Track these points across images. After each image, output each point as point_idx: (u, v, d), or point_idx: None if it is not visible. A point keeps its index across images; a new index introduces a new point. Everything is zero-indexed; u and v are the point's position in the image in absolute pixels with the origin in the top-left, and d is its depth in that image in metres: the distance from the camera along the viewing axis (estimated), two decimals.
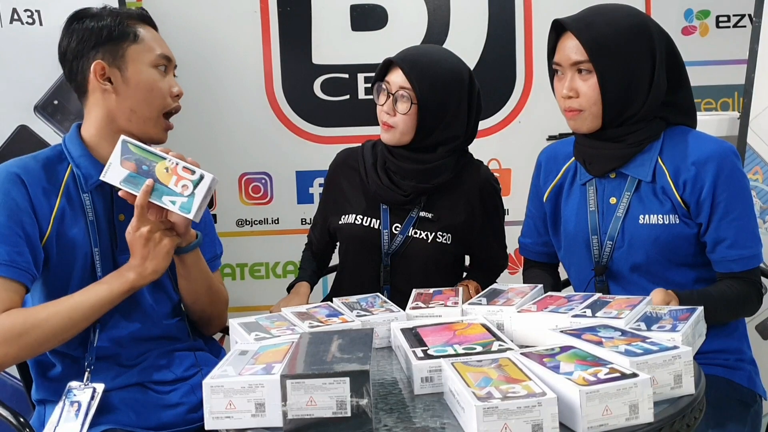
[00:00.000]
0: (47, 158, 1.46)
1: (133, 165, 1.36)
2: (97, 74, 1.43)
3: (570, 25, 1.49)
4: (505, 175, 2.68)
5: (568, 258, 1.66)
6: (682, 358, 1.04)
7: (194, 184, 1.35)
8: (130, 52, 1.44)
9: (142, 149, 1.36)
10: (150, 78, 1.45)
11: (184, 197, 1.35)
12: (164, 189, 1.35)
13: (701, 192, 1.46)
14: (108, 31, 1.44)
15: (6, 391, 2.06)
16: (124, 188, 1.35)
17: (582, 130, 1.53)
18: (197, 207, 1.34)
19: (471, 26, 2.66)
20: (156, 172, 1.35)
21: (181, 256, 1.47)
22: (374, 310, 1.43)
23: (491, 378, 0.99)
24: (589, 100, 1.48)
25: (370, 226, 1.77)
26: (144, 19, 1.49)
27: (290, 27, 2.63)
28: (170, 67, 1.50)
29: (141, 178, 1.35)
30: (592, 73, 1.47)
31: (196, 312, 1.58)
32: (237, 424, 1.02)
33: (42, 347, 1.36)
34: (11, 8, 2.15)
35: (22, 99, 2.18)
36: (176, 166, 1.36)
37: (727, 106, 2.71)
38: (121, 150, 1.36)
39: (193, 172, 1.35)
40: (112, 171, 1.36)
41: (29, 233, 1.37)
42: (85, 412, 1.33)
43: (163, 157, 1.36)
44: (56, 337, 1.34)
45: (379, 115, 1.74)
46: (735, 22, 2.69)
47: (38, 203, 1.40)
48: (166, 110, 1.47)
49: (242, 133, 2.65)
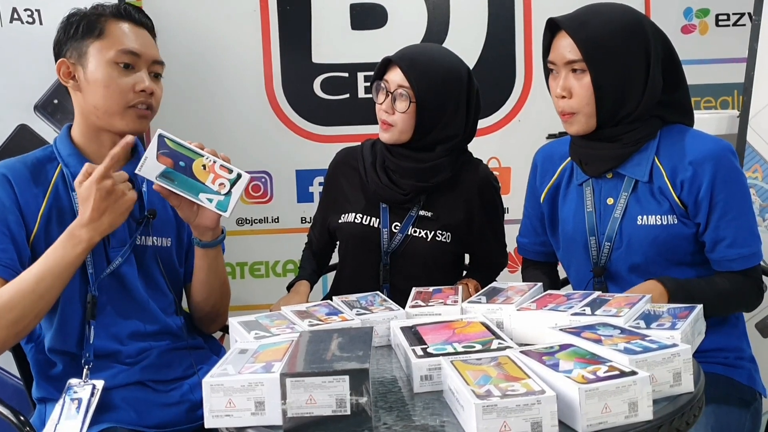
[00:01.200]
0: (36, 159, 1.47)
1: (170, 161, 1.36)
2: (60, 73, 1.45)
3: (564, 23, 1.48)
4: (504, 173, 2.68)
5: (566, 258, 1.66)
6: (681, 356, 1.04)
7: (231, 182, 1.37)
8: (91, 49, 1.44)
9: (179, 144, 1.37)
10: (105, 74, 1.43)
11: (221, 195, 1.36)
12: (201, 186, 1.36)
13: (699, 191, 1.46)
14: (75, 28, 1.45)
15: (7, 389, 2.07)
16: (160, 183, 1.36)
17: (577, 132, 1.52)
18: (233, 205, 1.37)
19: (470, 25, 2.66)
20: (193, 168, 1.36)
21: (206, 250, 1.49)
22: (374, 309, 1.43)
23: (490, 376, 0.99)
24: (582, 101, 1.47)
25: (370, 224, 1.77)
26: (120, 15, 1.47)
27: (290, 26, 2.63)
28: (140, 62, 1.46)
29: (178, 175, 1.36)
30: (586, 72, 1.46)
31: (206, 307, 1.59)
32: (237, 422, 1.02)
33: (18, 327, 1.33)
34: (11, 7, 2.15)
35: (22, 98, 2.18)
36: (214, 164, 1.37)
37: (726, 104, 2.71)
38: (157, 144, 1.36)
39: (231, 171, 1.37)
40: (148, 165, 1.36)
41: (14, 231, 1.38)
42: (86, 409, 1.33)
43: (200, 154, 1.37)
44: (29, 314, 1.32)
45: (377, 113, 1.74)
46: (735, 21, 2.69)
47: (25, 202, 1.41)
48: (129, 105, 1.45)
49: (242, 132, 2.65)
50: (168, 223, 1.56)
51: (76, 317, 1.43)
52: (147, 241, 1.51)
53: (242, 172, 1.37)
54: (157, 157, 1.36)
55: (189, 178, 1.37)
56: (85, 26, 1.45)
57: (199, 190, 1.36)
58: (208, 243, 1.48)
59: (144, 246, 1.51)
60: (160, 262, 1.53)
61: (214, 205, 1.37)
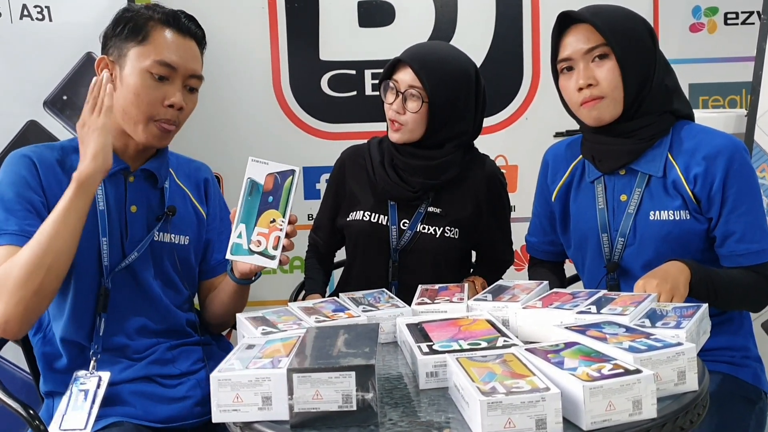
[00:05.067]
0: (63, 147, 1.48)
1: (271, 187, 1.38)
2: (99, 68, 1.45)
3: (579, 14, 1.49)
4: (512, 171, 2.68)
5: (579, 256, 1.66)
6: (686, 355, 1.04)
7: (262, 251, 1.38)
8: (132, 53, 1.43)
9: (288, 191, 1.38)
10: (139, 82, 1.42)
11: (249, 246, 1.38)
12: (252, 226, 1.38)
13: (712, 186, 1.46)
14: (122, 27, 1.44)
15: (15, 383, 2.08)
16: (245, 185, 1.37)
17: (604, 118, 1.50)
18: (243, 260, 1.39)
19: (478, 22, 2.66)
20: (267, 212, 1.38)
21: (240, 285, 1.51)
22: (380, 306, 1.44)
23: (496, 373, 1.00)
24: (610, 84, 1.47)
25: (379, 222, 1.77)
26: (168, 22, 1.45)
27: (298, 23, 2.64)
28: (176, 75, 1.44)
29: (256, 199, 1.38)
30: (608, 57, 1.47)
31: (219, 319, 1.61)
32: (244, 417, 1.03)
33: (29, 284, 1.29)
34: (21, 4, 2.17)
35: (32, 94, 2.20)
36: (278, 230, 1.38)
37: (734, 103, 2.71)
38: (284, 172, 1.39)
39: (276, 247, 1.38)
40: (261, 169, 1.38)
41: (39, 209, 1.39)
42: (92, 400, 1.34)
43: (283, 212, 1.38)
44: (38, 269, 1.29)
45: (387, 113, 1.74)
46: (743, 19, 2.68)
47: (48, 187, 1.41)
48: (155, 118, 1.44)
49: (249, 129, 2.66)
50: (187, 221, 1.56)
51: (88, 308, 1.43)
52: (164, 238, 1.51)
53: (277, 256, 1.38)
54: (269, 173, 1.38)
55: (256, 211, 1.38)
56: (131, 27, 1.44)
57: (252, 226, 1.37)
58: (243, 281, 1.50)
59: (161, 242, 1.51)
60: (177, 259, 1.53)
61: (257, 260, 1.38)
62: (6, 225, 1.36)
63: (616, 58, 1.46)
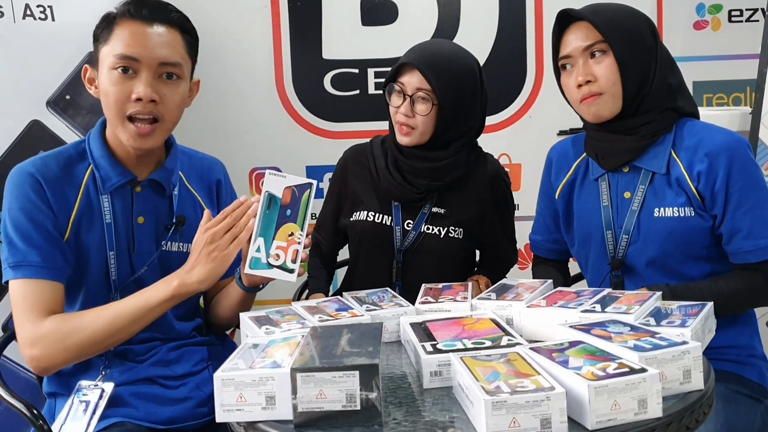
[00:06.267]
0: (68, 157, 1.44)
1: (288, 200, 1.38)
2: (85, 80, 1.43)
3: (577, 11, 1.51)
4: (515, 170, 2.68)
5: (583, 254, 1.66)
6: (691, 354, 1.04)
7: (281, 264, 1.37)
8: (102, 54, 1.40)
9: (305, 204, 1.39)
10: (106, 81, 1.37)
11: (268, 260, 1.37)
12: (271, 239, 1.37)
13: (715, 183, 1.46)
14: (95, 32, 1.42)
15: (20, 383, 2.08)
16: (263, 199, 1.36)
17: (603, 114, 1.51)
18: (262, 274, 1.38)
19: (481, 21, 2.65)
20: (286, 225, 1.38)
21: (248, 293, 1.51)
22: (384, 305, 1.44)
23: (500, 372, 0.99)
24: (609, 80, 1.48)
25: (382, 222, 1.77)
26: (128, 13, 1.38)
27: (300, 22, 2.64)
28: (141, 66, 1.36)
29: (275, 212, 1.37)
30: (606, 53, 1.48)
31: (224, 321, 1.60)
32: (247, 416, 1.03)
33: (85, 350, 1.35)
34: (24, 4, 2.16)
35: (35, 94, 2.20)
36: (296, 244, 1.38)
37: (739, 101, 2.70)
38: (302, 185, 1.39)
39: (294, 260, 1.38)
40: (279, 182, 1.38)
41: (53, 233, 1.37)
42: (92, 412, 1.34)
43: (301, 225, 1.38)
44: (99, 343, 1.34)
45: (394, 117, 1.72)
46: (747, 17, 2.67)
47: (56, 203, 1.39)
48: (127, 114, 1.37)
49: (252, 128, 2.65)
50: (197, 228, 1.52)
51: None
52: (173, 247, 1.50)
53: (296, 270, 1.38)
54: (287, 186, 1.37)
55: (275, 224, 1.37)
56: (103, 28, 1.41)
57: (270, 239, 1.37)
58: (251, 289, 1.50)
59: (169, 252, 1.49)
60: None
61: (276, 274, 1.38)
62: (28, 256, 1.35)
63: (614, 55, 1.47)
